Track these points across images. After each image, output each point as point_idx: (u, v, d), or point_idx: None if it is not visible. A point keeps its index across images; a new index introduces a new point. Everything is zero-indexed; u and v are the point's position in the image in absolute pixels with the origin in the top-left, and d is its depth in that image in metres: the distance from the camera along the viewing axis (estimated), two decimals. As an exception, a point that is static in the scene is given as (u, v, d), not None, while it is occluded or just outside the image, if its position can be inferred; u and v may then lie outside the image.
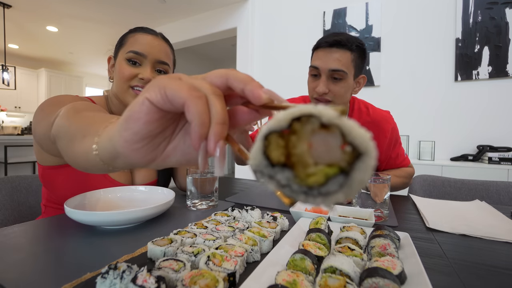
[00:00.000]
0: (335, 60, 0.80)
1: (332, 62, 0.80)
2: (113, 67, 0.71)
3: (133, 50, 0.65)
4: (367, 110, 0.96)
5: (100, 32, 4.17)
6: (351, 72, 0.83)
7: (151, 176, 0.80)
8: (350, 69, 0.82)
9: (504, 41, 1.92)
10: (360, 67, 0.86)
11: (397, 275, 0.29)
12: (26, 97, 5.99)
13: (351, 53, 0.81)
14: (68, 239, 0.45)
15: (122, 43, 0.68)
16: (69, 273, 0.33)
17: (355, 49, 0.81)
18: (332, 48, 0.80)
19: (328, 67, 0.80)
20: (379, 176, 0.60)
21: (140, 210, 0.49)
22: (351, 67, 0.82)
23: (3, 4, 3.24)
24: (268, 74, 2.91)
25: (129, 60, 0.65)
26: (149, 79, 0.66)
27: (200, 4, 3.13)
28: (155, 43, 0.67)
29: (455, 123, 2.08)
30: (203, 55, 5.01)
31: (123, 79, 0.65)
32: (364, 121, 0.94)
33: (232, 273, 0.30)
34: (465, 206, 0.70)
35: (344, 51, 0.80)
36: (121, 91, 0.67)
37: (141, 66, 0.67)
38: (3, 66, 3.87)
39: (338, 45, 0.80)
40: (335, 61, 0.80)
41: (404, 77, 2.24)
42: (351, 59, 0.81)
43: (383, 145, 0.95)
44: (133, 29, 0.70)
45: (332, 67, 0.80)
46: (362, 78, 0.89)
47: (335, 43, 0.80)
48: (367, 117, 0.95)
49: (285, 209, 0.65)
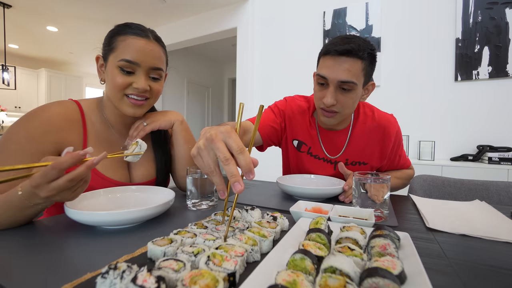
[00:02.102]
0: (345, 70, 0.74)
1: (341, 72, 0.74)
2: (103, 67, 0.69)
3: (126, 59, 0.63)
4: (373, 114, 0.95)
5: (100, 32, 4.16)
6: (360, 82, 0.78)
7: (149, 174, 0.80)
8: (360, 79, 0.77)
9: (504, 41, 1.92)
10: (370, 75, 0.81)
11: (397, 275, 0.29)
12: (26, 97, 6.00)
13: (362, 62, 0.75)
14: (68, 239, 0.45)
15: (111, 45, 0.65)
16: (69, 273, 0.33)
17: (366, 57, 0.75)
18: (341, 57, 0.74)
19: (337, 78, 0.75)
20: (379, 176, 0.60)
21: (140, 210, 0.49)
22: (361, 76, 0.77)
23: (3, 4, 3.24)
24: (268, 74, 2.91)
25: (121, 69, 0.64)
26: (144, 88, 0.66)
27: (200, 4, 3.13)
28: (148, 49, 0.65)
29: (455, 123, 2.09)
30: (203, 55, 5.01)
31: (117, 88, 0.65)
32: (370, 125, 0.94)
33: (232, 273, 0.30)
34: (465, 206, 0.70)
35: (355, 60, 0.74)
36: (115, 99, 0.68)
37: (135, 74, 0.66)
38: (3, 66, 3.87)
39: (348, 53, 0.73)
40: (345, 72, 0.74)
41: (404, 77, 2.24)
42: (362, 68, 0.76)
43: (388, 148, 0.94)
44: (122, 28, 0.66)
45: (341, 78, 0.75)
46: (371, 85, 0.85)
47: (345, 52, 0.73)
48: (373, 121, 0.94)
49: (285, 209, 0.65)
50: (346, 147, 0.94)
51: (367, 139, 0.94)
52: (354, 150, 0.94)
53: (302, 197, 0.75)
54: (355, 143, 0.94)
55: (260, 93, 2.97)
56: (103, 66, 0.70)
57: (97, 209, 0.58)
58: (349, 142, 0.94)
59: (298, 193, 0.75)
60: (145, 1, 3.10)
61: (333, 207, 0.58)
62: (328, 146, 0.96)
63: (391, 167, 1.03)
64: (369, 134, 0.93)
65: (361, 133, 0.94)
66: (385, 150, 0.95)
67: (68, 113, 0.67)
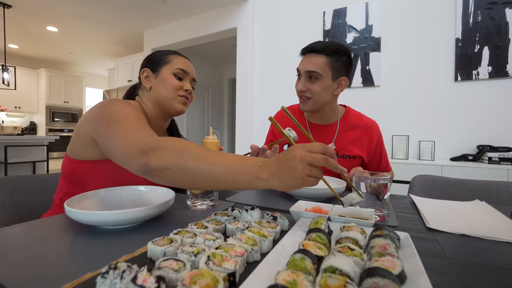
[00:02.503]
0: (311, 63, 0.95)
1: (308, 64, 0.96)
2: (147, 78, 0.84)
3: (181, 68, 0.83)
4: (360, 117, 1.11)
5: (100, 32, 4.17)
6: (327, 74, 0.95)
7: None
8: (326, 71, 0.95)
9: (504, 41, 1.92)
10: (340, 70, 0.97)
11: (397, 275, 0.29)
12: (26, 97, 6.00)
13: (327, 57, 0.94)
14: (68, 239, 0.45)
15: (166, 60, 0.84)
16: (69, 273, 0.33)
17: (331, 53, 0.94)
18: (308, 54, 0.97)
19: (304, 69, 0.96)
20: (379, 176, 0.60)
21: (140, 210, 0.49)
22: (326, 69, 0.95)
23: (3, 4, 3.24)
24: (268, 74, 2.91)
25: (175, 75, 0.82)
26: (190, 90, 0.85)
27: (200, 4, 3.13)
28: (190, 65, 0.88)
29: (455, 123, 2.09)
30: (203, 55, 5.01)
31: (174, 89, 0.81)
32: (358, 124, 1.08)
33: (232, 273, 0.30)
34: (465, 206, 0.70)
35: (319, 55, 0.95)
36: (170, 98, 0.82)
37: (183, 80, 0.84)
38: (3, 66, 3.87)
39: (313, 51, 0.96)
40: (311, 64, 0.95)
41: (404, 77, 2.24)
42: (326, 62, 0.94)
43: (372, 145, 1.09)
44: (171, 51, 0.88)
45: (308, 68, 0.95)
46: (343, 79, 1.00)
47: (311, 49, 0.96)
48: (361, 122, 1.09)
49: (285, 209, 0.65)
50: (336, 138, 1.06)
51: (354, 132, 1.07)
52: (343, 141, 1.06)
53: (302, 197, 0.75)
54: (343, 135, 1.07)
55: (260, 93, 2.97)
56: (148, 77, 0.84)
57: (97, 209, 0.58)
58: (338, 134, 1.07)
59: (298, 193, 0.75)
60: (145, 1, 3.10)
61: (333, 207, 0.58)
62: (318, 138, 1.07)
63: (375, 168, 1.12)
64: (356, 128, 1.08)
65: (348, 127, 1.08)
66: (370, 146, 1.07)
67: None
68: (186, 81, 0.85)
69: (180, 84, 0.83)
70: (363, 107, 1.48)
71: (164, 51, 0.89)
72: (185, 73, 0.85)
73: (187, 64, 0.87)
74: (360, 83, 2.38)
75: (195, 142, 0.53)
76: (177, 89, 0.83)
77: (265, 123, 2.84)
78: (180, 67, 0.84)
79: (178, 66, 0.84)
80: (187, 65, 0.87)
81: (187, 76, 0.86)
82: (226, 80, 5.82)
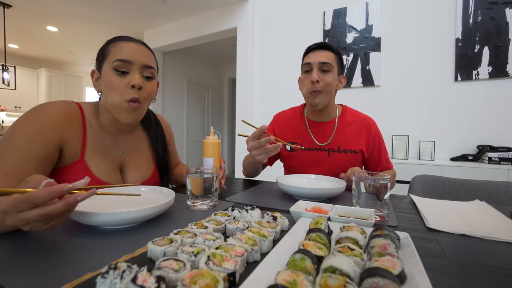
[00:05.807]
0: (323, 56, 1.01)
1: (321, 57, 1.01)
2: (98, 81, 0.71)
3: (119, 59, 0.65)
4: (357, 114, 1.15)
5: (100, 32, 4.17)
6: (335, 68, 1.02)
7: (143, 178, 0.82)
8: (335, 65, 1.02)
9: (504, 41, 1.92)
10: (342, 68, 1.06)
11: (397, 275, 0.29)
12: (26, 97, 5.99)
13: (334, 54, 1.03)
14: (68, 239, 0.45)
15: (104, 54, 0.68)
16: (69, 273, 0.33)
17: (336, 52, 1.04)
18: (319, 49, 1.03)
19: (318, 60, 1.00)
20: (379, 176, 0.60)
21: (140, 210, 0.49)
22: (335, 63, 1.02)
23: (3, 4, 3.24)
24: (268, 74, 2.91)
25: (116, 70, 0.65)
26: (139, 85, 0.66)
27: (200, 4, 3.13)
28: (138, 49, 0.68)
29: (455, 123, 2.08)
30: (203, 55, 5.01)
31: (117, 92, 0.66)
32: (355, 120, 1.11)
33: (232, 273, 0.30)
34: (465, 206, 0.70)
35: (328, 51, 1.02)
36: (116, 106, 0.67)
37: (129, 73, 0.67)
38: (3, 66, 3.87)
39: (324, 47, 1.03)
40: (323, 57, 1.01)
41: (404, 77, 2.24)
42: (334, 57, 1.02)
43: (369, 140, 1.09)
44: (112, 39, 0.70)
45: (321, 60, 1.00)
46: (342, 78, 1.07)
47: (321, 45, 1.03)
48: (358, 117, 1.12)
49: (285, 209, 0.65)
50: (335, 134, 1.08)
51: (353, 127, 1.09)
52: (343, 136, 1.08)
53: (302, 197, 0.75)
54: (342, 130, 1.09)
55: (260, 93, 2.97)
56: (98, 79, 0.71)
57: (97, 209, 0.58)
58: (337, 130, 1.09)
59: (298, 193, 0.75)
60: (145, 1, 3.10)
61: (333, 207, 0.58)
62: (318, 135, 1.10)
63: (376, 164, 1.11)
64: (353, 123, 1.10)
65: (347, 123, 1.10)
66: (368, 139, 1.09)
67: (72, 112, 0.69)
68: (132, 73, 0.66)
69: (124, 81, 0.65)
70: (363, 107, 1.48)
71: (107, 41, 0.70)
72: (128, 63, 0.66)
73: (129, 49, 0.66)
74: (360, 83, 2.38)
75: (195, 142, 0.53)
76: (121, 92, 0.66)
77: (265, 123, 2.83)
78: (119, 57, 0.65)
79: (116, 56, 0.65)
80: (130, 50, 0.66)
81: (132, 66, 0.66)
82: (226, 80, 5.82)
